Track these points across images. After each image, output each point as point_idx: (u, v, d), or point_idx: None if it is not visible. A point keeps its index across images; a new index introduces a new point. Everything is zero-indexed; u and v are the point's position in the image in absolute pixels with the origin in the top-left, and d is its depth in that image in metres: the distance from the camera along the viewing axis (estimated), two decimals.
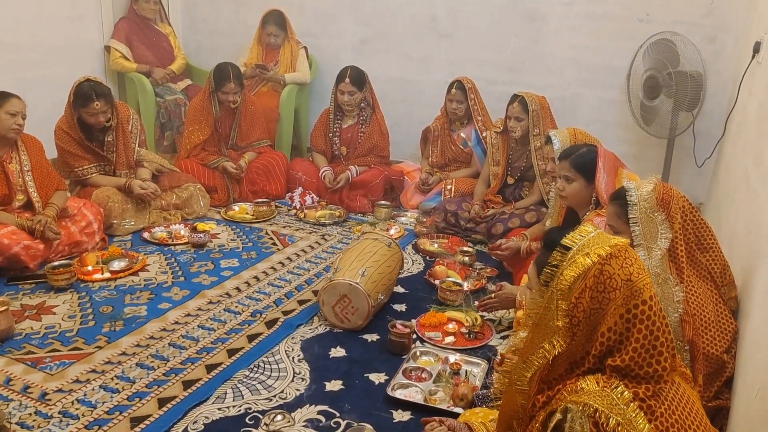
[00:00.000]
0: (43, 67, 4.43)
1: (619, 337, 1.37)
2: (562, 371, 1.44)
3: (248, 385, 2.27)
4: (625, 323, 1.37)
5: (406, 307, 2.91)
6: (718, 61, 3.94)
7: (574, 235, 1.45)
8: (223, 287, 3.02)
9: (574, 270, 1.39)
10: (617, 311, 1.37)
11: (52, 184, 3.28)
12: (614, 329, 1.38)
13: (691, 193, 3.30)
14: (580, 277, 1.39)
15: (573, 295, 1.39)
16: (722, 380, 2.04)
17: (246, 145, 4.33)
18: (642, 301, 1.37)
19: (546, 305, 1.43)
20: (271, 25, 4.83)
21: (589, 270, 1.39)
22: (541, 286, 1.45)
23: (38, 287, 2.93)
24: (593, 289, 1.38)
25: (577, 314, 1.39)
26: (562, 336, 1.40)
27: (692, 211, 2.17)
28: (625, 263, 1.40)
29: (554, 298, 1.41)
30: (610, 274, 1.38)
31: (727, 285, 2.21)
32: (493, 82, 4.49)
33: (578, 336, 1.40)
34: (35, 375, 2.27)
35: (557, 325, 1.40)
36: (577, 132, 2.97)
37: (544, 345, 1.41)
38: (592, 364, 1.40)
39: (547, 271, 1.44)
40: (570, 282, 1.39)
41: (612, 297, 1.38)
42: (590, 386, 1.36)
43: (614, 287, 1.38)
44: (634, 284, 1.38)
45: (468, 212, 3.75)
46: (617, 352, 1.38)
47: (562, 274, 1.40)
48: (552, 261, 1.44)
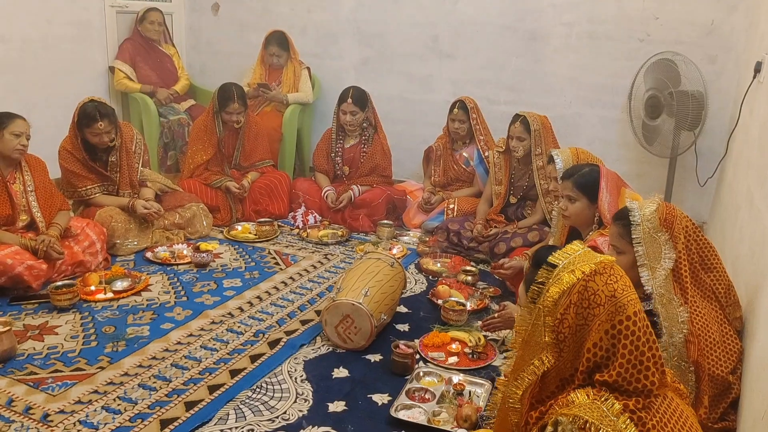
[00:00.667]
0: (47, 87, 4.47)
1: (606, 353, 1.40)
2: (554, 388, 1.46)
3: (251, 406, 2.26)
4: (611, 339, 1.40)
5: (409, 327, 2.90)
6: (719, 80, 3.97)
7: (561, 253, 1.49)
8: (226, 307, 3.01)
9: (559, 286, 1.43)
10: (602, 327, 1.40)
11: (56, 204, 3.29)
12: (600, 345, 1.40)
13: (693, 213, 3.31)
14: (564, 293, 1.43)
15: (558, 311, 1.42)
16: (728, 402, 2.03)
17: (249, 165, 4.35)
18: (626, 317, 1.39)
19: (534, 322, 1.47)
20: (273, 46, 4.88)
21: (573, 286, 1.42)
22: (529, 303, 1.48)
23: (41, 307, 2.92)
24: (578, 305, 1.42)
25: (563, 330, 1.42)
26: (550, 352, 1.42)
27: (695, 230, 2.17)
28: (610, 280, 1.43)
29: (541, 314, 1.45)
30: (594, 290, 1.41)
31: (732, 305, 2.20)
32: (495, 101, 4.51)
33: (565, 352, 1.43)
34: (37, 396, 2.26)
35: (545, 341, 1.43)
36: (579, 151, 2.98)
37: (533, 362, 1.44)
38: (582, 380, 1.42)
39: (534, 288, 1.48)
40: (555, 298, 1.43)
41: (596, 313, 1.41)
42: (581, 399, 1.38)
43: (598, 303, 1.41)
44: (618, 300, 1.40)
45: (471, 232, 3.75)
46: (605, 368, 1.39)
47: (548, 291, 1.44)
48: (538, 278, 1.48)
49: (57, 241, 3.11)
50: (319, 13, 5.05)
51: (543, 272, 1.47)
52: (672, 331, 2.00)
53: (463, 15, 4.61)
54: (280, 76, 4.93)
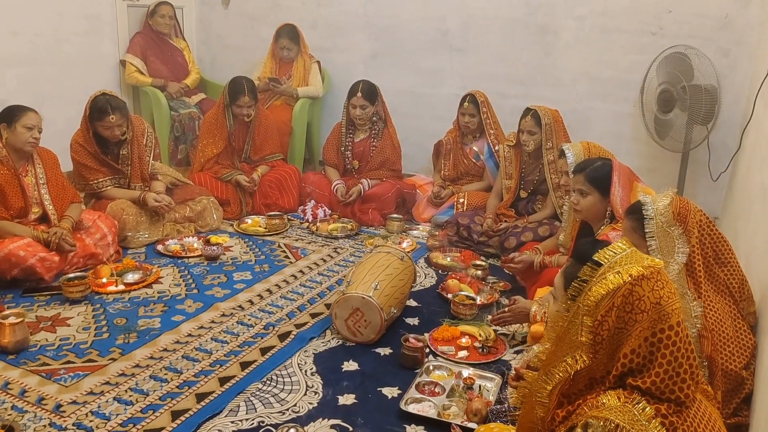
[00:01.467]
0: (59, 81, 4.50)
1: (642, 360, 1.35)
2: (582, 386, 1.42)
3: (261, 399, 2.26)
4: (650, 347, 1.35)
5: (419, 321, 2.90)
6: (732, 74, 3.93)
7: (607, 251, 1.42)
8: (236, 300, 3.02)
9: (603, 287, 1.37)
10: (642, 334, 1.35)
11: (68, 197, 3.31)
12: (638, 351, 1.36)
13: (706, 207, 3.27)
14: (608, 295, 1.37)
15: (599, 313, 1.37)
16: (741, 397, 2.01)
17: (259, 158, 4.36)
18: (669, 326, 1.35)
19: (571, 319, 1.42)
20: (284, 39, 4.87)
21: (618, 289, 1.37)
22: (568, 300, 1.44)
23: (53, 299, 2.94)
24: (620, 309, 1.36)
25: (601, 332, 1.37)
26: (585, 352, 1.38)
27: (709, 225, 2.15)
28: (656, 286, 1.37)
29: (580, 313, 1.39)
30: (640, 295, 1.36)
31: (746, 300, 2.19)
32: (506, 95, 4.49)
33: (600, 354, 1.38)
34: (50, 387, 2.28)
35: (581, 341, 1.38)
36: (590, 145, 2.96)
37: (566, 359, 1.40)
38: (613, 383, 1.38)
39: (576, 285, 1.42)
40: (598, 299, 1.37)
41: (639, 319, 1.36)
42: (611, 401, 1.34)
43: (642, 309, 1.36)
44: (663, 308, 1.36)
45: (480, 226, 3.74)
46: (639, 374, 1.35)
47: (591, 290, 1.38)
48: (581, 275, 1.42)
49: (69, 233, 3.12)
50: (329, 6, 5.04)
51: (587, 269, 1.41)
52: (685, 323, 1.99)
53: (473, 9, 4.58)
54: (290, 70, 4.92)
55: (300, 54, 4.93)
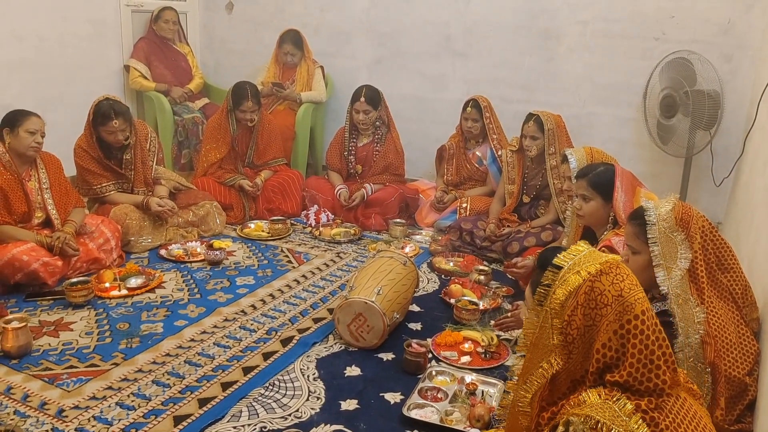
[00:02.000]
0: (63, 85, 4.52)
1: (616, 354, 1.38)
2: (565, 390, 1.45)
3: (263, 404, 2.26)
4: (620, 339, 1.38)
5: (422, 326, 2.90)
6: (735, 79, 3.92)
7: (566, 254, 1.48)
8: (239, 305, 3.02)
9: (565, 288, 1.42)
10: (610, 327, 1.38)
11: (71, 202, 3.32)
12: (609, 345, 1.39)
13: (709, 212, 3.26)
14: (571, 294, 1.42)
15: (566, 313, 1.41)
16: (744, 403, 2.00)
17: (262, 163, 4.36)
18: (634, 316, 1.38)
19: (541, 324, 1.45)
20: (288, 44, 4.89)
21: (579, 287, 1.41)
22: (536, 306, 1.47)
23: (56, 304, 2.95)
24: (585, 306, 1.41)
25: (571, 332, 1.41)
26: (558, 354, 1.41)
27: (712, 230, 2.15)
28: (616, 279, 1.42)
29: (548, 316, 1.44)
30: (601, 290, 1.40)
31: (749, 306, 2.18)
32: (508, 100, 4.49)
33: (575, 354, 1.42)
34: (52, 391, 2.28)
35: (553, 344, 1.42)
36: (593, 151, 2.96)
37: (542, 364, 1.43)
38: (593, 381, 1.41)
39: (541, 290, 1.47)
40: (562, 300, 1.42)
41: (604, 313, 1.39)
42: (592, 399, 1.37)
43: (605, 303, 1.39)
44: (626, 299, 1.39)
45: (483, 231, 3.74)
46: (615, 368, 1.38)
47: (555, 293, 1.43)
48: (544, 280, 1.47)
49: (72, 237, 3.13)
50: (333, 12, 5.06)
51: (549, 274, 1.46)
52: (688, 332, 1.98)
53: (476, 14, 4.59)
54: (293, 75, 4.94)
55: (303, 59, 4.95)
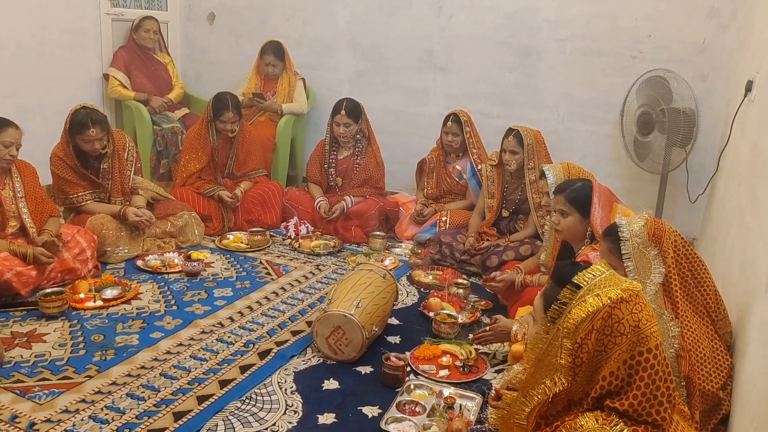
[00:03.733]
0: (41, 94, 4.47)
1: (621, 383, 1.36)
2: (561, 408, 1.43)
3: (240, 418, 2.24)
4: (628, 369, 1.37)
5: (401, 339, 2.89)
6: (710, 98, 4.01)
7: (586, 274, 1.44)
8: (216, 317, 3.00)
9: (582, 310, 1.39)
10: (621, 357, 1.36)
11: (46, 211, 3.27)
12: (616, 374, 1.37)
13: (684, 229, 3.32)
14: (588, 317, 1.38)
15: (579, 336, 1.38)
16: (718, 417, 2.03)
17: (242, 174, 4.35)
18: (647, 349, 1.37)
19: (550, 341, 1.42)
20: (269, 55, 4.89)
21: (598, 312, 1.38)
22: (547, 322, 1.44)
23: (29, 314, 2.89)
24: (600, 332, 1.38)
25: (581, 355, 1.39)
26: (564, 374, 1.38)
27: (685, 245, 2.18)
28: (635, 309, 1.39)
29: (559, 335, 1.41)
30: (619, 318, 1.37)
31: (722, 319, 2.21)
32: (489, 115, 4.54)
33: (579, 376, 1.39)
34: (24, 404, 2.23)
35: (560, 363, 1.39)
36: (570, 166, 2.99)
37: (545, 381, 1.40)
38: (590, 405, 1.39)
39: (555, 307, 1.43)
40: (577, 322, 1.38)
41: (618, 342, 1.37)
42: (589, 423, 1.35)
43: (621, 332, 1.37)
44: (642, 331, 1.37)
45: (463, 244, 3.75)
46: (617, 396, 1.36)
47: (570, 313, 1.40)
48: (561, 298, 1.43)
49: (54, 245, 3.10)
50: (315, 24, 5.08)
51: (566, 292, 1.42)
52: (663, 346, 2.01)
53: (458, 29, 4.64)
54: (275, 87, 4.94)
55: (285, 71, 4.95)
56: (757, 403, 1.74)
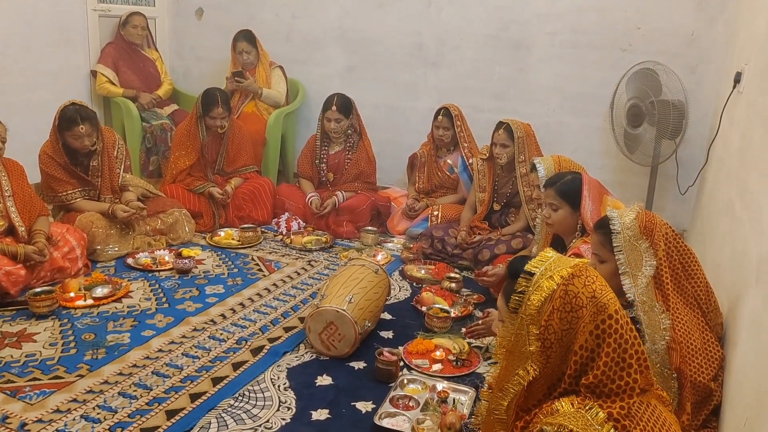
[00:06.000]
0: (28, 91, 4.42)
1: (591, 354, 1.41)
2: (541, 396, 1.46)
3: (233, 415, 2.23)
4: (595, 339, 1.41)
5: (393, 334, 2.89)
6: (699, 90, 4.02)
7: (536, 261, 1.50)
8: (208, 314, 2.98)
9: (540, 294, 1.44)
10: (586, 328, 1.41)
11: (35, 209, 3.24)
12: (585, 346, 1.41)
13: (674, 221, 3.34)
14: (547, 299, 1.43)
15: (542, 319, 1.43)
16: (709, 408, 2.04)
17: (233, 170, 4.32)
18: (608, 316, 1.41)
19: (517, 332, 1.46)
20: (241, 42, 4.84)
21: (554, 292, 1.43)
22: (510, 314, 1.48)
23: (19, 314, 2.87)
24: (561, 310, 1.43)
25: (548, 337, 1.43)
26: (535, 361, 1.43)
27: (675, 237, 2.19)
28: (587, 281, 1.44)
29: (524, 323, 1.45)
30: (575, 293, 1.43)
31: (713, 311, 2.23)
32: (479, 109, 4.53)
33: (552, 358, 1.43)
34: (14, 404, 2.22)
35: (530, 351, 1.43)
36: (561, 159, 2.99)
37: (518, 372, 1.44)
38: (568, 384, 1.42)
39: (515, 298, 1.48)
40: (538, 306, 1.43)
41: (580, 315, 1.42)
42: (565, 408, 1.38)
43: (581, 305, 1.42)
44: (599, 300, 1.42)
45: (455, 238, 3.75)
46: (590, 369, 1.40)
47: (530, 300, 1.45)
48: (518, 288, 1.48)
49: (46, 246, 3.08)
50: (304, 19, 5.05)
51: (521, 281, 1.48)
52: (654, 338, 2.02)
53: (448, 24, 4.63)
54: (254, 77, 4.89)
55: (259, 60, 4.91)
56: (748, 394, 1.75)
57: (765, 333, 1.70)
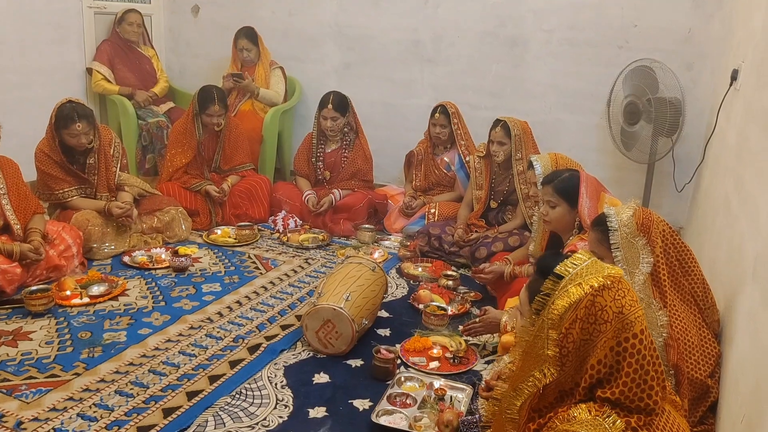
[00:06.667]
0: (24, 89, 4.40)
1: (609, 370, 1.36)
2: (552, 399, 1.43)
3: (230, 413, 2.23)
4: (615, 356, 1.37)
5: (390, 332, 2.89)
6: (696, 87, 4.02)
7: (568, 264, 1.44)
8: (205, 312, 2.98)
9: (565, 300, 1.38)
10: (607, 344, 1.36)
11: (30, 207, 3.22)
12: (604, 362, 1.37)
13: (671, 218, 3.34)
14: (571, 307, 1.38)
15: (563, 326, 1.38)
16: (707, 405, 2.05)
17: (229, 168, 4.31)
18: (633, 335, 1.37)
19: (536, 333, 1.42)
20: (242, 39, 4.84)
21: (580, 301, 1.38)
22: (532, 314, 1.44)
23: (15, 312, 2.86)
24: (584, 321, 1.38)
25: (567, 345, 1.39)
26: (552, 365, 1.38)
27: (672, 234, 2.19)
28: (618, 295, 1.39)
29: (545, 326, 1.40)
30: (602, 306, 1.37)
31: (710, 308, 2.23)
32: (476, 106, 4.53)
33: (567, 366, 1.39)
34: (10, 403, 2.21)
35: (547, 354, 1.39)
36: (558, 157, 2.99)
37: (534, 373, 1.40)
38: (583, 395, 1.39)
39: (539, 299, 1.43)
40: (561, 312, 1.38)
41: (603, 329, 1.37)
42: (582, 415, 1.35)
43: (605, 320, 1.37)
44: (626, 317, 1.37)
45: (452, 236, 3.75)
46: (607, 384, 1.36)
47: (554, 304, 1.40)
48: (544, 289, 1.43)
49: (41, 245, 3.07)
50: (301, 16, 5.04)
51: (549, 283, 1.43)
52: (652, 335, 2.02)
53: (445, 21, 4.62)
54: (252, 75, 4.88)
55: (260, 58, 4.90)
56: (744, 390, 1.75)
57: (761, 329, 1.70)
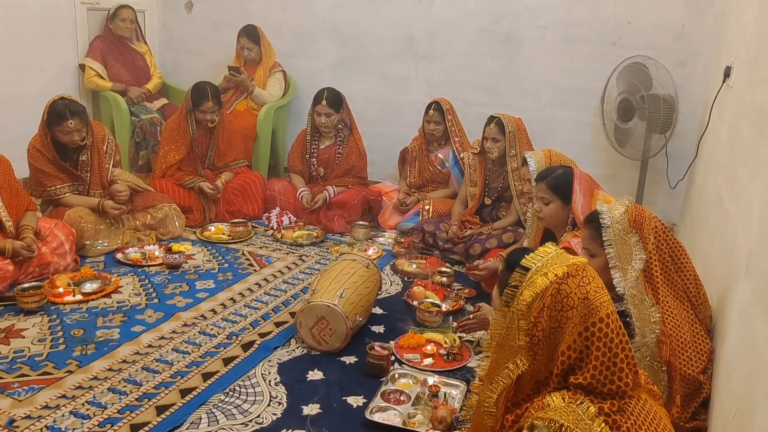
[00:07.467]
0: (16, 85, 4.37)
1: (579, 355, 1.40)
2: (529, 391, 1.47)
3: (223, 410, 2.23)
4: (584, 341, 1.40)
5: (385, 329, 2.89)
6: (689, 84, 4.03)
7: (534, 256, 1.49)
8: (199, 309, 2.97)
9: (532, 290, 1.43)
10: (575, 329, 1.40)
11: (22, 204, 3.21)
12: (573, 347, 1.41)
13: (664, 214, 3.35)
14: (537, 296, 1.43)
15: (532, 315, 1.43)
16: (699, 401, 2.06)
17: (223, 165, 4.30)
18: (599, 319, 1.40)
19: (508, 326, 1.47)
20: (243, 38, 4.85)
21: (546, 289, 1.43)
22: (503, 307, 1.49)
23: (7, 310, 2.85)
24: (551, 308, 1.42)
25: (536, 333, 1.43)
26: (524, 355, 1.42)
27: (665, 231, 2.20)
28: (582, 282, 1.43)
29: (515, 318, 1.45)
30: (567, 293, 1.42)
31: (702, 304, 2.24)
32: (471, 103, 4.53)
33: (539, 355, 1.43)
34: (2, 401, 2.20)
35: (519, 345, 1.43)
36: (552, 153, 2.99)
37: (508, 365, 1.44)
38: (557, 383, 1.42)
39: (508, 291, 1.48)
40: (528, 302, 1.43)
41: (569, 315, 1.41)
42: (556, 402, 1.38)
43: (571, 306, 1.41)
44: (591, 302, 1.41)
45: (446, 233, 3.75)
46: (579, 370, 1.40)
47: (521, 294, 1.44)
48: (512, 282, 1.48)
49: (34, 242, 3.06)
50: (295, 12, 5.02)
51: (516, 275, 1.48)
52: (644, 332, 2.02)
53: (439, 17, 4.62)
54: (253, 74, 4.88)
55: (261, 59, 4.89)
56: (736, 386, 1.76)
57: (753, 325, 1.71)
